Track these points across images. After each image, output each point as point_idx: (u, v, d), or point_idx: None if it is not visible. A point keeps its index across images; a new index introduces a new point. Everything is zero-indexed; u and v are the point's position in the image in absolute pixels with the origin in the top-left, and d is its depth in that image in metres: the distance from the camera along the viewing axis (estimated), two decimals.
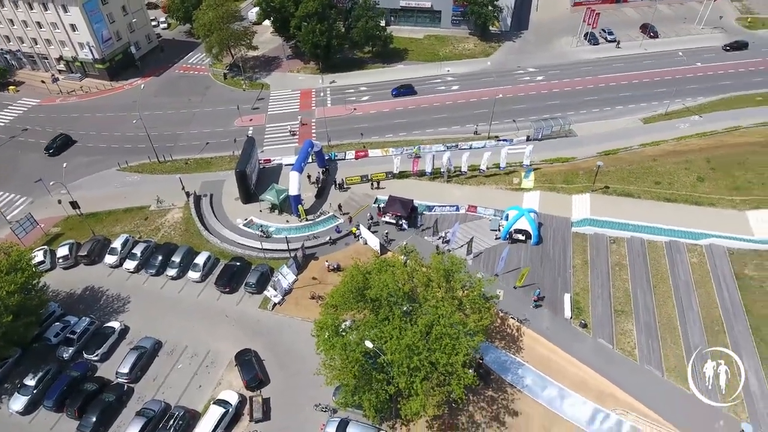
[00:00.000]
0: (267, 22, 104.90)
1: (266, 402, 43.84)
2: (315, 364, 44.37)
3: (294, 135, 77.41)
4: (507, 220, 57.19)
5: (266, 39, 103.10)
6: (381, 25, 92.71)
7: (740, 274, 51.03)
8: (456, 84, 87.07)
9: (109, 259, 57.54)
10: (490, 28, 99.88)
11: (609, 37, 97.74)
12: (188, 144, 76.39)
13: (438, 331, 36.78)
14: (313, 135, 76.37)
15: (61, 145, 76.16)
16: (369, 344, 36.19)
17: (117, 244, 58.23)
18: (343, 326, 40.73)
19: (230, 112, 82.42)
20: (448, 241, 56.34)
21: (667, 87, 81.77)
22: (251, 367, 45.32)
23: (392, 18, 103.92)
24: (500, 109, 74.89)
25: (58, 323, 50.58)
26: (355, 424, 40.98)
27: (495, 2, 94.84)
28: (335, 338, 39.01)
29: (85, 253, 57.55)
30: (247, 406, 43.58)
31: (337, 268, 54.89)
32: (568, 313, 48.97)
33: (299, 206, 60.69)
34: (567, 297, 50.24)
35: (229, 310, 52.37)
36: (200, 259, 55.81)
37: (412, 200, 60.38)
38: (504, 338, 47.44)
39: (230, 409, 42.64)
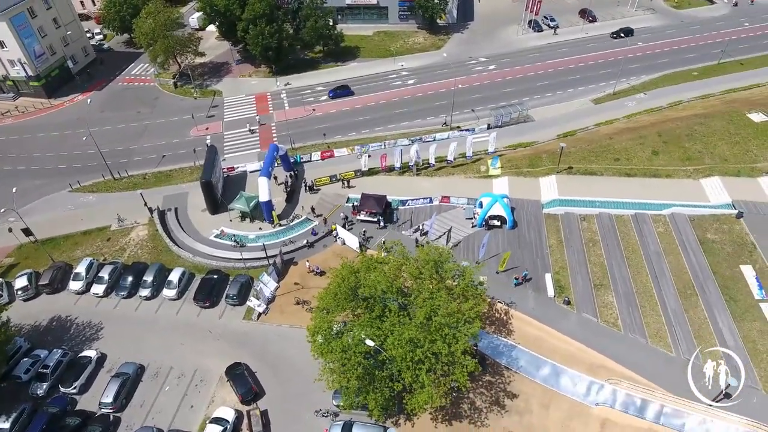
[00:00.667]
0: (211, 28, 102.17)
1: (264, 414, 42.71)
2: (309, 370, 43.93)
3: (253, 133, 76.02)
4: (481, 207, 58.07)
5: (212, 45, 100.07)
6: (331, 23, 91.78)
7: (703, 239, 53.99)
8: (412, 78, 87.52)
9: (74, 285, 54.24)
10: (438, 21, 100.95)
11: (552, 24, 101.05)
12: (144, 158, 73.10)
13: (437, 322, 36.88)
14: (275, 139, 74.84)
15: None
16: (370, 342, 35.86)
17: (81, 268, 54.95)
18: (336, 328, 40.22)
19: (184, 122, 79.47)
20: (426, 233, 56.61)
21: (612, 68, 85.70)
22: (244, 381, 43.97)
23: (339, 16, 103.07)
24: (458, 100, 75.88)
25: (26, 359, 47.25)
26: (360, 425, 40.53)
27: None
28: (332, 341, 38.48)
29: (47, 282, 54.02)
30: (245, 420, 42.26)
31: (319, 272, 54.14)
32: (551, 292, 50.30)
33: (272, 212, 59.33)
34: (548, 276, 51.64)
35: (212, 325, 50.57)
36: (174, 276, 53.55)
37: (385, 196, 60.22)
38: (494, 323, 48.20)
39: (228, 426, 41.21)
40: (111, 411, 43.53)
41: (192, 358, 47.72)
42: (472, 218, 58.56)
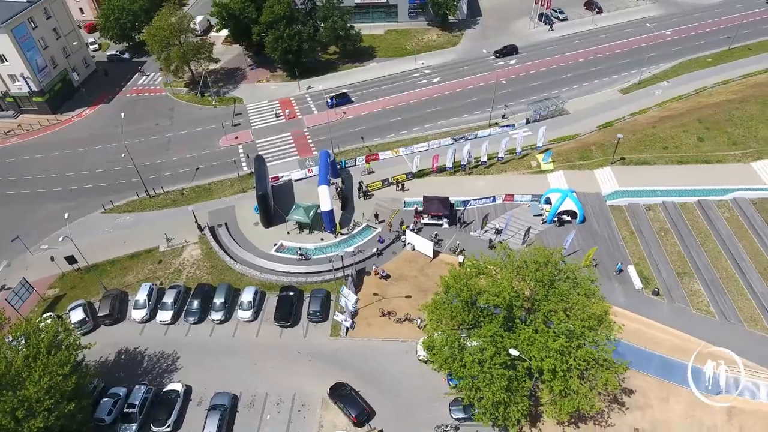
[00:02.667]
0: (215, 32, 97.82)
1: None
2: (413, 383, 43.05)
3: (279, 117, 76.31)
4: (548, 203, 57.52)
5: (219, 50, 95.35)
6: (350, 24, 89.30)
7: None
8: (436, 76, 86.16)
9: (136, 314, 50.48)
10: (449, 17, 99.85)
11: (561, 17, 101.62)
12: (175, 172, 69.00)
13: (579, 326, 35.87)
14: (311, 144, 72.24)
15: None
16: (514, 352, 34.59)
17: (141, 295, 51.16)
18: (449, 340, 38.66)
19: (209, 131, 75.76)
20: (500, 232, 55.55)
21: (629, 58, 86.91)
22: (355, 401, 41.78)
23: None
24: (489, 96, 74.91)
25: (106, 399, 43.39)
26: None
27: None
28: (462, 354, 36.97)
29: (107, 312, 50.05)
30: None
31: (384, 275, 52.76)
32: (638, 284, 50.14)
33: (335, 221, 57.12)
34: (631, 268, 51.50)
35: (297, 345, 48.01)
36: (247, 296, 50.51)
37: (448, 197, 58.80)
38: None
39: None
40: None
41: (285, 381, 45.05)
42: (541, 215, 57.88)
